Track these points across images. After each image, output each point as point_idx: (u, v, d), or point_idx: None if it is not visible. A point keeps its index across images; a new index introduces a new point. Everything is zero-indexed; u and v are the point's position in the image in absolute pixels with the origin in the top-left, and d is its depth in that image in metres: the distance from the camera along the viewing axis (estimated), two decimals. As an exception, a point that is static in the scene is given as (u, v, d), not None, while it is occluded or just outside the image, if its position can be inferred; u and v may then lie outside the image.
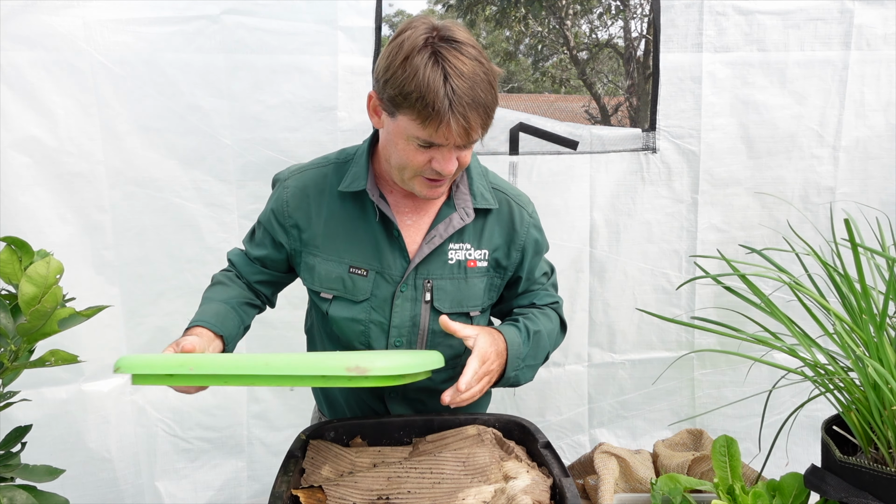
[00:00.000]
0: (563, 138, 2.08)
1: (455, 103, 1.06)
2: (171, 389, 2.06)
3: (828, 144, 2.12)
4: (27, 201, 1.83)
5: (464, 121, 1.08)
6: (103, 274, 1.95)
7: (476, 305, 1.34)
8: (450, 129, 1.08)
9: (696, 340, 2.23)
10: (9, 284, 0.87)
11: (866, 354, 0.94)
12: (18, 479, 0.90)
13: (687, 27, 2.02)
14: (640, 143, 2.10)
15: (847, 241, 0.93)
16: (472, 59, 1.09)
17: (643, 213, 2.16)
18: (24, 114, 1.79)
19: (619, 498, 1.05)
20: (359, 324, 1.31)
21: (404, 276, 1.28)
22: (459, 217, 1.27)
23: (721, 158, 2.12)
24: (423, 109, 1.08)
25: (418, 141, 1.13)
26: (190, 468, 2.16)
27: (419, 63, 1.07)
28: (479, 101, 1.08)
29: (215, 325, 1.24)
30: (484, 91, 1.09)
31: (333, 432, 1.12)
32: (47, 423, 1.92)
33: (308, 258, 1.32)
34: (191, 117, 1.91)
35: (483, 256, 1.32)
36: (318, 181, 1.33)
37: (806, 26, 2.04)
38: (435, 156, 1.14)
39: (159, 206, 1.95)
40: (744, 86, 2.08)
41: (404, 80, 1.08)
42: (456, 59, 1.08)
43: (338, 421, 1.13)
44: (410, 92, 1.08)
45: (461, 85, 1.07)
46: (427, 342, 1.33)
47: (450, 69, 1.07)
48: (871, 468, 0.89)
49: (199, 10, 1.85)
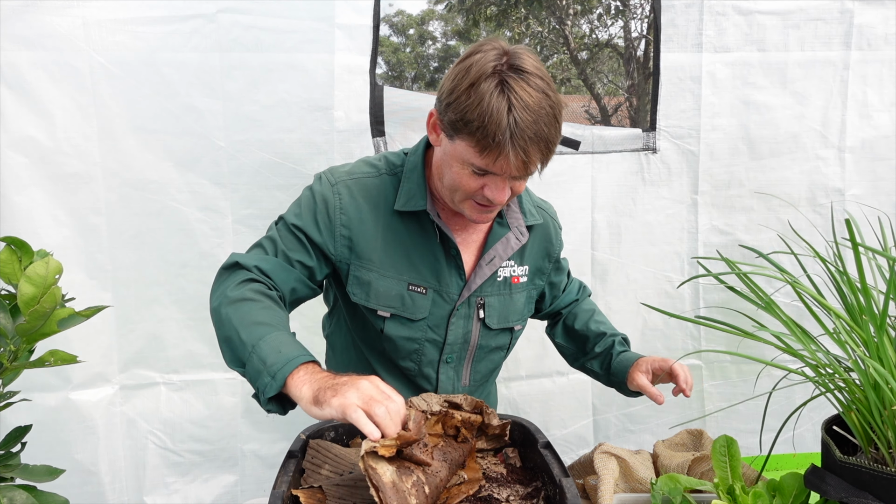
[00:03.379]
0: (566, 138, 2.11)
1: (517, 136, 1.07)
2: (162, 399, 2.10)
3: (832, 145, 2.16)
4: (22, 202, 1.85)
5: (524, 154, 1.08)
6: (96, 278, 1.96)
7: (518, 319, 1.40)
8: (508, 161, 1.09)
9: (703, 346, 2.26)
10: (8, 284, 0.89)
11: (867, 354, 0.98)
12: (18, 479, 0.92)
13: (687, 27, 2.06)
14: (640, 144, 2.14)
15: (846, 241, 0.97)
16: (539, 91, 1.09)
17: (644, 214, 2.19)
18: (22, 114, 1.83)
19: (619, 498, 1.09)
20: (414, 342, 1.33)
21: (461, 294, 1.31)
22: (515, 238, 1.32)
23: (721, 159, 2.15)
24: (483, 139, 1.09)
25: (474, 167, 1.13)
26: (181, 482, 2.15)
27: (485, 91, 1.08)
28: (541, 135, 1.09)
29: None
30: (548, 125, 1.09)
31: (333, 432, 1.16)
32: (33, 431, 1.94)
33: (362, 272, 1.29)
34: (186, 118, 1.93)
35: (525, 272, 1.38)
36: (372, 192, 1.29)
37: (806, 26, 2.08)
38: (489, 183, 1.15)
39: (154, 208, 1.97)
40: (744, 86, 2.11)
41: (468, 106, 1.09)
42: (523, 90, 1.08)
43: (338, 421, 1.17)
44: (472, 120, 1.08)
45: (525, 118, 1.07)
46: (474, 357, 1.39)
47: (515, 100, 1.07)
48: (871, 468, 0.91)
49: (195, 9, 1.88)
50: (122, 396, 2.07)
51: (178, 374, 2.12)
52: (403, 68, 2.38)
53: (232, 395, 2.15)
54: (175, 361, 2.11)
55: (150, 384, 2.11)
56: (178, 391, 2.13)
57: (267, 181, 2.01)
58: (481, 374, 1.44)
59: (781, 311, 1.03)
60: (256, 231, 1.96)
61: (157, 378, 2.11)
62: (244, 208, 2.03)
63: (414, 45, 2.34)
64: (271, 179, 2.01)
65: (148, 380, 2.10)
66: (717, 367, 2.29)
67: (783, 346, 1.01)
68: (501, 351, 1.44)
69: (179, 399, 2.13)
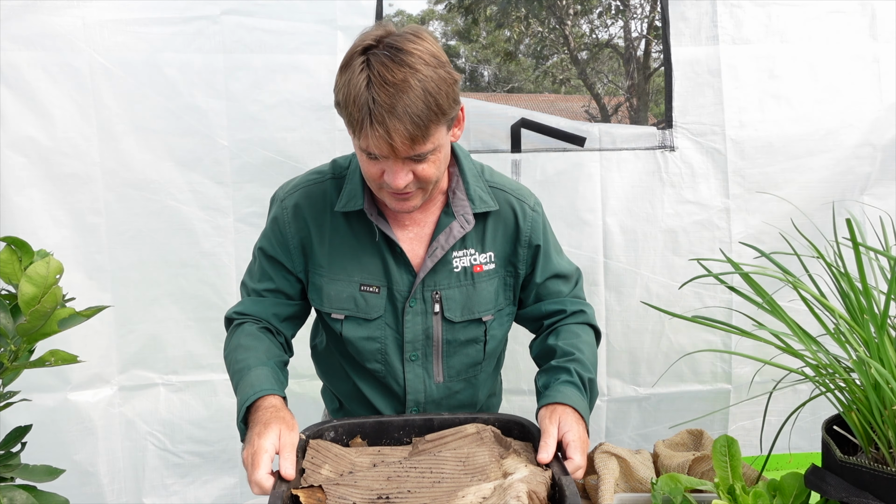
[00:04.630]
0: (569, 134, 2.01)
1: (374, 113, 1.06)
2: (161, 400, 2.10)
3: (868, 143, 2.03)
4: (22, 202, 1.86)
5: (384, 132, 1.07)
6: (95, 279, 1.97)
7: (487, 310, 1.36)
8: (371, 139, 1.08)
9: (734, 371, 2.09)
10: (9, 284, 0.90)
11: (867, 354, 0.98)
12: (18, 478, 0.92)
13: (700, 20, 1.97)
14: (655, 141, 2.00)
15: (846, 241, 0.98)
16: (406, 67, 1.07)
17: (665, 220, 2.05)
18: (22, 114, 1.83)
19: (619, 498, 1.10)
20: (374, 342, 1.33)
21: (411, 290, 1.30)
22: (459, 226, 1.29)
23: (754, 158, 2.00)
24: (349, 118, 1.11)
25: (363, 152, 1.14)
26: (180, 484, 2.15)
27: (352, 70, 1.10)
28: (404, 110, 1.06)
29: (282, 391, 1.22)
30: (414, 100, 1.07)
31: (333, 432, 1.17)
32: (32, 431, 1.94)
33: (315, 278, 1.32)
34: (188, 118, 1.94)
35: (489, 259, 1.34)
36: (316, 198, 1.32)
37: (827, 18, 1.98)
38: (385, 168, 1.15)
39: (154, 208, 1.98)
40: (770, 79, 1.99)
41: (339, 87, 1.12)
42: (384, 66, 1.07)
43: (337, 421, 1.18)
44: (341, 101, 1.12)
45: (381, 94, 1.06)
46: (443, 352, 1.36)
47: (374, 77, 1.07)
48: (872, 468, 0.92)
49: (198, 11, 1.89)
50: (121, 397, 2.07)
51: (178, 375, 2.12)
52: (404, 68, 2.37)
53: (231, 397, 2.12)
54: (174, 362, 2.11)
55: (150, 385, 2.11)
56: (178, 392, 2.13)
57: (270, 179, 2.00)
58: (456, 369, 1.39)
59: (782, 310, 1.03)
60: (258, 229, 1.96)
61: (156, 379, 2.11)
62: (247, 207, 2.04)
63: (414, 44, 2.33)
64: (275, 178, 1.98)
65: (147, 381, 2.10)
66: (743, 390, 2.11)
67: (784, 346, 1.02)
68: (476, 344, 1.38)
69: (179, 400, 2.13)
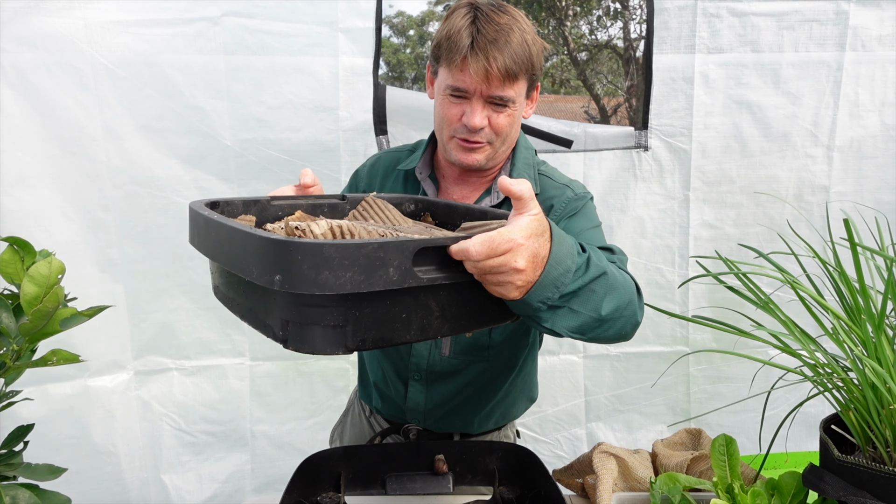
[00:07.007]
0: (558, 137, 2.07)
1: (477, 41, 1.07)
2: (175, 384, 2.07)
3: (822, 144, 2.10)
4: (32, 200, 1.82)
5: (484, 59, 1.07)
6: (107, 272, 1.94)
7: None
8: (472, 69, 1.08)
9: (691, 336, 2.21)
10: (11, 284, 0.86)
11: (865, 354, 0.93)
12: (21, 477, 0.88)
13: (680, 29, 2.00)
14: (632, 141, 2.10)
15: (844, 241, 0.92)
16: (511, 17, 1.10)
17: (636, 209, 2.15)
18: (27, 114, 1.78)
19: (618, 497, 1.04)
20: None
21: None
22: (490, 201, 1.26)
23: (713, 156, 2.11)
24: (449, 53, 1.10)
25: (450, 90, 1.14)
26: (195, 461, 2.17)
27: (457, 16, 1.11)
28: (506, 45, 1.07)
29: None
30: (515, 42, 1.09)
31: (413, 205, 1.17)
32: (52, 420, 1.92)
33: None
34: (191, 118, 1.89)
35: None
36: (390, 160, 1.38)
37: (801, 27, 2.01)
38: (466, 109, 1.14)
39: (161, 204, 1.94)
40: (737, 86, 2.05)
41: (440, 30, 1.13)
42: (492, 11, 1.10)
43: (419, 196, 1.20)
44: (442, 41, 1.12)
45: (487, 28, 1.08)
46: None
47: (480, 16, 1.09)
48: (869, 467, 0.88)
49: (199, 12, 1.83)
50: (136, 381, 2.07)
51: (190, 360, 2.12)
52: (403, 69, 2.33)
53: (240, 380, 2.16)
54: (186, 348, 2.11)
55: (164, 370, 2.11)
56: (190, 376, 2.14)
57: (276, 176, 1.97)
58: (461, 346, 1.28)
59: (781, 310, 0.97)
60: (263, 225, 1.92)
61: (169, 364, 2.11)
62: (252, 203, 1.98)
63: (414, 45, 2.29)
64: (280, 175, 1.97)
65: (161, 366, 2.10)
66: (703, 356, 2.23)
67: (781, 346, 0.96)
68: None
69: (191, 383, 2.14)
